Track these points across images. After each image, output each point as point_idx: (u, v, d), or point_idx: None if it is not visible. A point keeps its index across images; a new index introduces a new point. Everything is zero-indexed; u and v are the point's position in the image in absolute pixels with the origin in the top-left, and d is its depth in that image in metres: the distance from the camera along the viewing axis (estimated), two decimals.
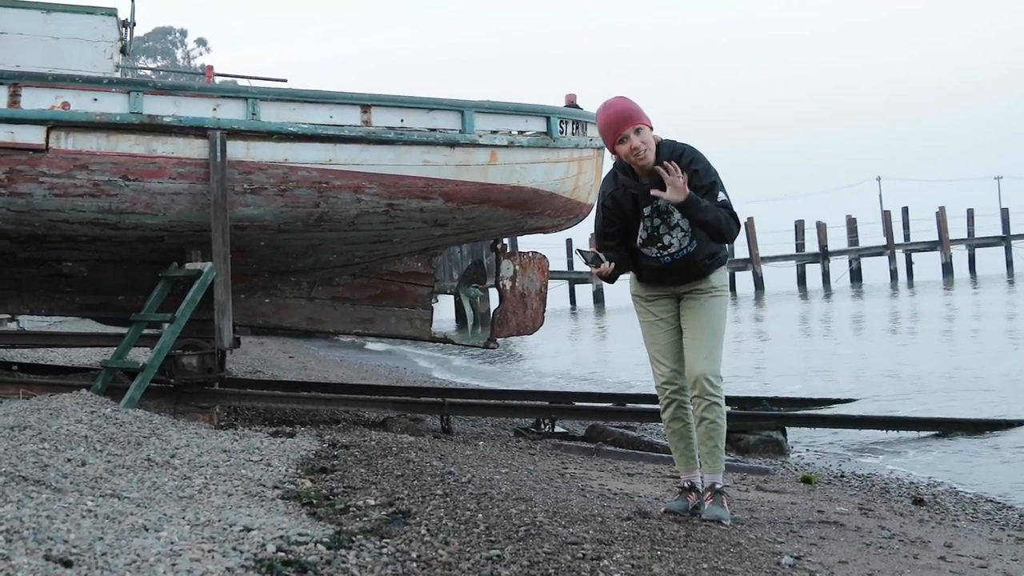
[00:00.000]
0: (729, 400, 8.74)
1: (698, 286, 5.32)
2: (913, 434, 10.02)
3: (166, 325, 7.98)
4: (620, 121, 5.19)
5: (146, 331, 8.56)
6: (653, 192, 5.10)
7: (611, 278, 5.34)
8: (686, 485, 5.42)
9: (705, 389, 5.22)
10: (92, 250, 8.41)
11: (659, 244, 5.27)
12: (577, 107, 9.48)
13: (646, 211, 5.26)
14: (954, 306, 34.04)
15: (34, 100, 7.73)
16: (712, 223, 5.09)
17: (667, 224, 5.24)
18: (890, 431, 10.10)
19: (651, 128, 5.23)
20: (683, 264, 5.27)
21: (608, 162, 5.55)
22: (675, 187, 5.01)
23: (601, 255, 5.23)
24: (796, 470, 8.20)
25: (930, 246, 60.27)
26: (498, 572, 3.77)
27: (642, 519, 5.02)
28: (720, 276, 5.37)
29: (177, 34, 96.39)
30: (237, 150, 8.04)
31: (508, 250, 10.00)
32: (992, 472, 8.40)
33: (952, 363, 17.16)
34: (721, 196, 5.15)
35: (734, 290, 52.06)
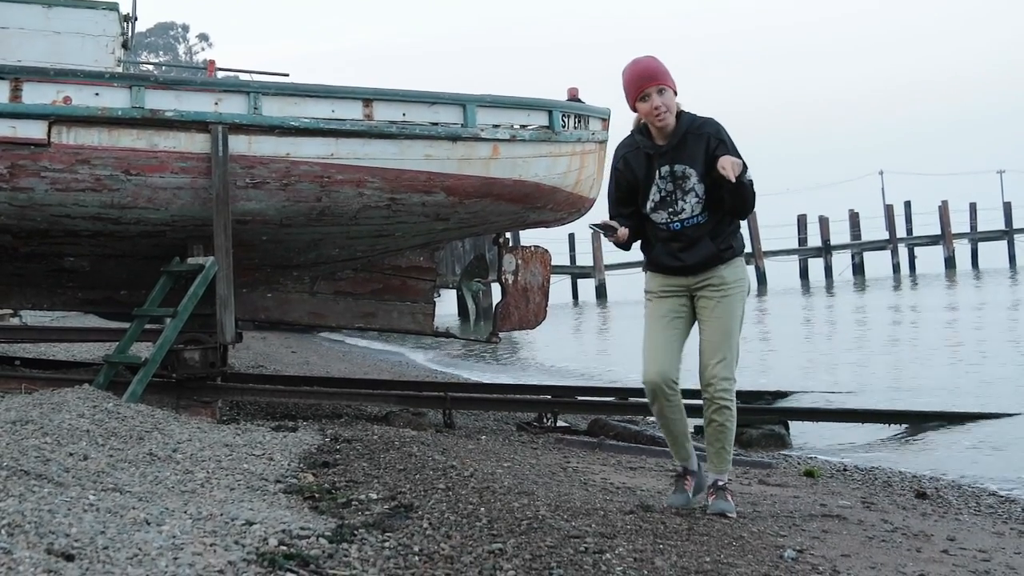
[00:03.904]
0: None
1: (711, 281, 5.20)
2: (916, 427, 10.01)
3: (168, 320, 7.98)
4: (645, 78, 5.12)
5: (148, 326, 8.56)
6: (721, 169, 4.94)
7: (627, 245, 5.29)
8: (680, 470, 5.37)
9: (716, 392, 5.16)
10: (94, 245, 8.40)
11: (671, 209, 5.16)
12: (579, 101, 9.47)
13: (661, 171, 5.15)
14: (956, 300, 34.00)
15: (36, 95, 7.72)
16: (747, 196, 5.04)
17: (682, 189, 5.14)
18: (893, 424, 10.10)
19: (675, 93, 5.16)
20: (692, 235, 5.16)
21: (610, 159, 5.52)
22: (728, 168, 4.90)
23: (613, 223, 5.19)
24: (799, 464, 8.20)
25: (932, 240, 60.23)
26: (500, 566, 3.77)
27: (644, 513, 5.02)
28: (735, 270, 5.25)
29: (179, 29, 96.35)
30: (239, 144, 8.03)
31: (510, 244, 9.99)
32: (995, 465, 8.40)
33: (954, 355, 17.16)
34: (748, 175, 5.04)
35: None
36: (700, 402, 5.27)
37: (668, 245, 5.23)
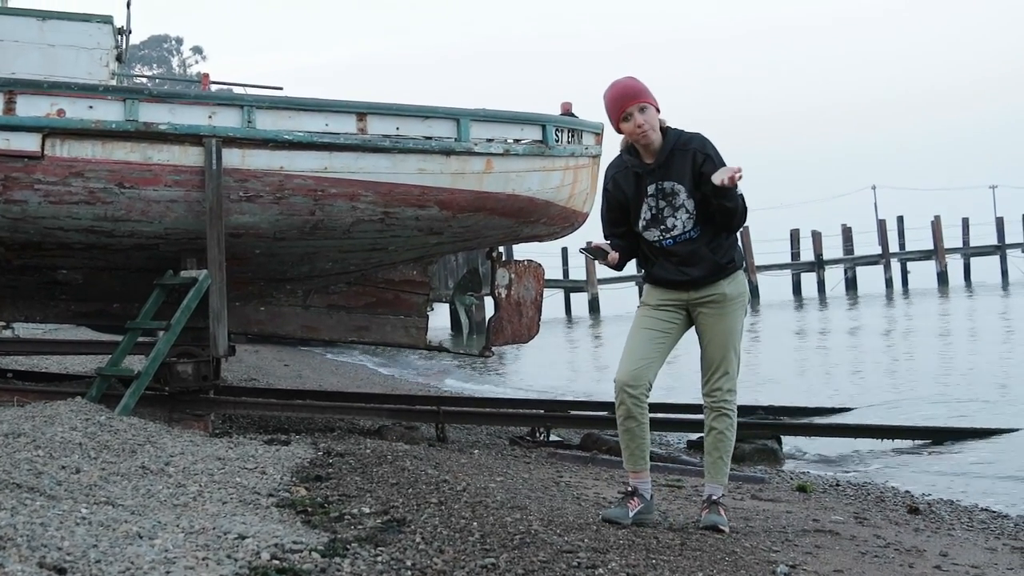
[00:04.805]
0: None
1: (713, 297, 5.21)
2: (908, 443, 10.02)
3: (161, 333, 7.97)
4: (625, 98, 5.16)
5: (141, 339, 8.55)
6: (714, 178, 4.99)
7: (619, 266, 5.30)
8: (629, 489, 5.27)
9: (718, 401, 5.22)
10: (87, 257, 8.39)
11: (662, 227, 5.17)
12: (572, 115, 9.48)
13: (650, 190, 5.18)
14: (949, 315, 34.06)
15: (30, 107, 7.72)
16: (737, 208, 5.06)
17: (671, 206, 5.15)
18: (885, 440, 10.11)
19: (657, 110, 5.19)
20: (686, 249, 5.16)
21: (603, 174, 5.53)
22: (718, 177, 4.95)
23: (603, 246, 5.21)
24: (791, 479, 8.20)
25: (925, 255, 60.30)
26: None
27: (637, 527, 5.02)
28: (736, 285, 5.25)
29: (173, 42, 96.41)
30: (233, 158, 8.03)
31: (503, 258, 9.99)
32: (988, 481, 8.41)
33: (946, 372, 17.18)
34: (738, 188, 5.09)
35: None
36: (694, 416, 5.29)
37: (668, 260, 5.24)
